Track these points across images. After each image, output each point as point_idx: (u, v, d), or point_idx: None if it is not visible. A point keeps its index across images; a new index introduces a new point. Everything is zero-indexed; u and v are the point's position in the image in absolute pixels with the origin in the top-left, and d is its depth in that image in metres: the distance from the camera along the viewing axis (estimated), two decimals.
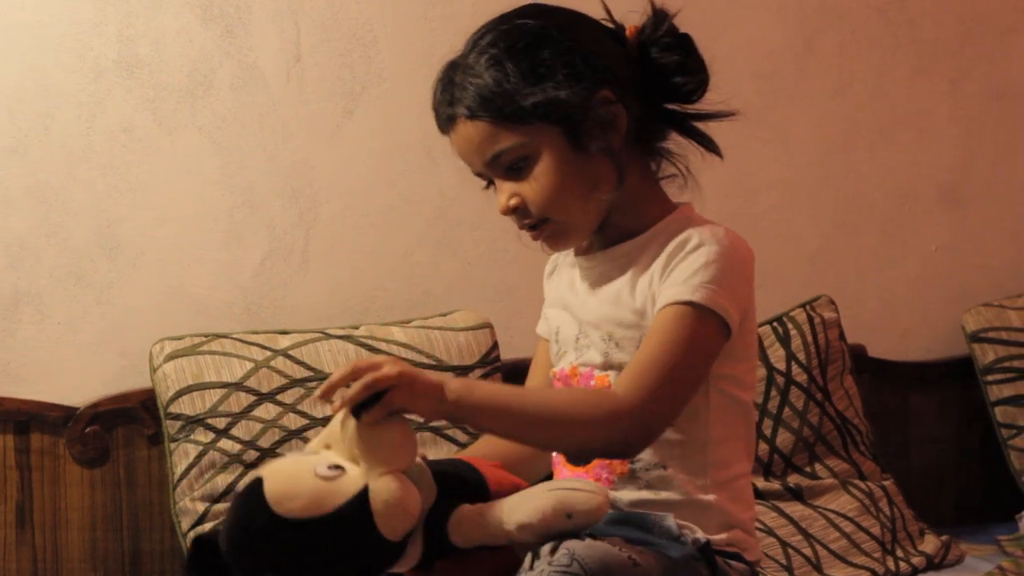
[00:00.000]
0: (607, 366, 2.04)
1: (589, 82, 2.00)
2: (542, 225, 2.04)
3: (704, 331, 1.97)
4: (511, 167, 2.02)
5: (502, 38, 2.01)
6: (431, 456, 2.01)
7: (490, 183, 2.07)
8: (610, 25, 2.10)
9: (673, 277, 1.98)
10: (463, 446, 2.74)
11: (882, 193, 3.45)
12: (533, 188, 2.01)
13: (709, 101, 2.09)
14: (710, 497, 2.02)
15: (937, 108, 3.49)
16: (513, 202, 2.02)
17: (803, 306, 3.17)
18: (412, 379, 1.84)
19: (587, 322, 2.07)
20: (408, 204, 3.10)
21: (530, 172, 2.01)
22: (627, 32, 2.08)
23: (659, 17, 2.08)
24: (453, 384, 1.88)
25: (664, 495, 2.01)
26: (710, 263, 1.97)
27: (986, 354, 3.35)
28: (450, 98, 2.03)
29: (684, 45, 2.07)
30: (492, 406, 1.91)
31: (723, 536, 2.02)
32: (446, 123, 2.05)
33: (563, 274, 2.17)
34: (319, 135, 3.05)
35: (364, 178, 3.08)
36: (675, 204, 2.10)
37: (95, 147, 2.92)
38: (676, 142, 2.12)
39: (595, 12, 2.11)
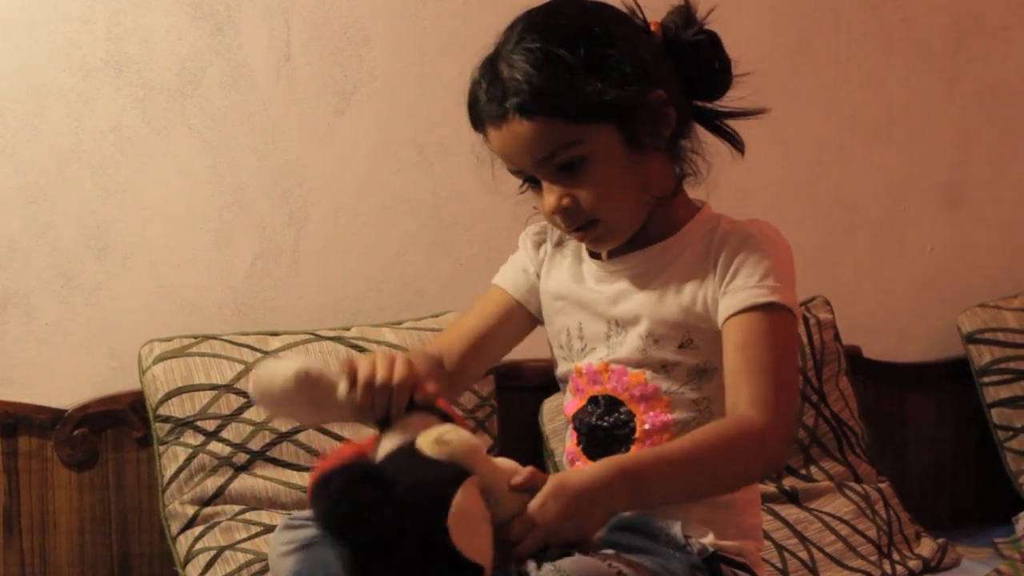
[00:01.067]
0: (642, 364, 2.01)
1: (647, 81, 1.96)
2: (591, 226, 1.99)
3: (789, 329, 1.97)
4: (564, 166, 1.95)
5: (553, 33, 1.94)
6: None
7: (527, 182, 2.02)
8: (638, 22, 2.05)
9: (741, 280, 1.96)
10: None
11: (878, 193, 3.44)
12: (589, 188, 1.95)
13: (729, 98, 2.07)
14: (730, 496, 1.99)
15: (933, 107, 3.48)
16: (566, 202, 1.96)
17: None
18: (571, 519, 1.81)
19: (621, 319, 2.03)
20: (400, 204, 3.08)
21: (584, 171, 1.95)
22: (651, 27, 2.04)
23: (689, 14, 2.04)
24: (618, 484, 1.84)
25: None
26: (776, 263, 1.98)
27: (982, 355, 3.33)
28: (500, 94, 1.95)
29: (714, 43, 2.05)
30: (660, 485, 1.88)
31: (735, 543, 2.00)
32: (495, 120, 1.96)
33: (562, 265, 2.13)
34: (310, 134, 3.03)
35: (356, 178, 3.06)
36: (697, 204, 2.08)
37: (84, 147, 2.90)
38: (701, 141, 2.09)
39: None
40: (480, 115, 1.99)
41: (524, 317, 2.17)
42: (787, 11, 3.36)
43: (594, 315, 2.06)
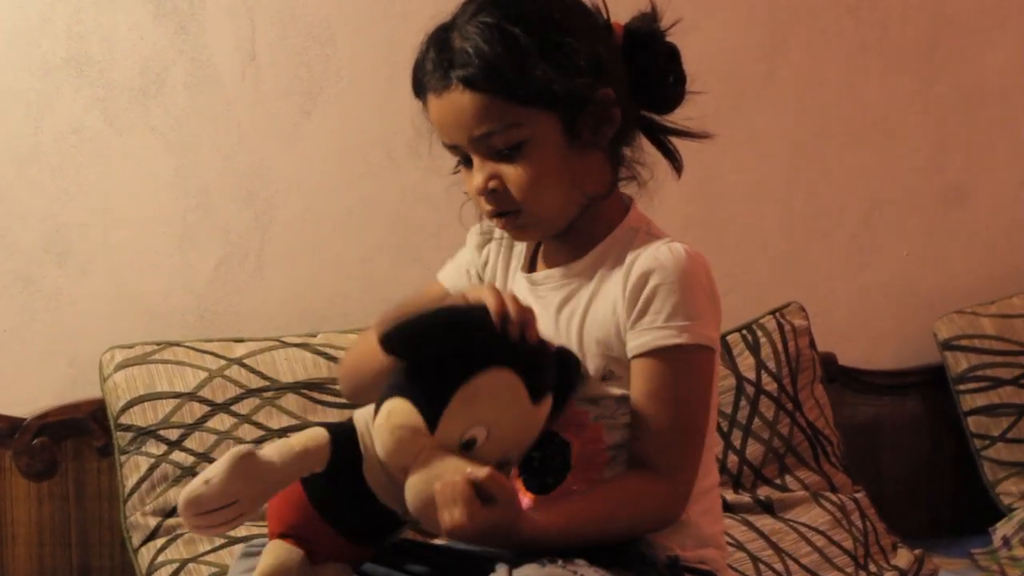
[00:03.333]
0: None
1: (599, 77, 1.93)
2: (515, 215, 1.96)
3: (701, 370, 1.94)
4: (499, 148, 1.92)
5: (512, 12, 1.92)
6: None
7: (460, 162, 1.99)
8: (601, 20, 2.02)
9: (648, 318, 1.92)
10: None
11: (852, 197, 3.42)
12: (520, 174, 1.92)
13: (680, 115, 2.05)
14: (684, 514, 1.96)
15: (908, 110, 3.45)
16: (493, 184, 1.93)
17: (773, 313, 3.13)
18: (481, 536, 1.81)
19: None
20: (368, 207, 3.05)
21: (519, 157, 1.92)
22: (613, 28, 2.01)
23: (652, 23, 2.02)
24: (523, 534, 1.84)
25: None
26: (687, 296, 1.92)
27: (959, 362, 3.31)
28: (448, 61, 1.92)
29: (673, 55, 2.02)
30: (558, 543, 1.87)
31: (696, 553, 1.97)
32: (437, 88, 1.93)
33: (498, 263, 2.12)
34: (275, 136, 2.99)
35: (322, 180, 3.02)
36: (626, 205, 2.04)
37: (43, 148, 2.86)
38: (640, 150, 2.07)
39: None
40: (423, 81, 1.96)
41: None
42: (761, 12, 3.33)
43: None
